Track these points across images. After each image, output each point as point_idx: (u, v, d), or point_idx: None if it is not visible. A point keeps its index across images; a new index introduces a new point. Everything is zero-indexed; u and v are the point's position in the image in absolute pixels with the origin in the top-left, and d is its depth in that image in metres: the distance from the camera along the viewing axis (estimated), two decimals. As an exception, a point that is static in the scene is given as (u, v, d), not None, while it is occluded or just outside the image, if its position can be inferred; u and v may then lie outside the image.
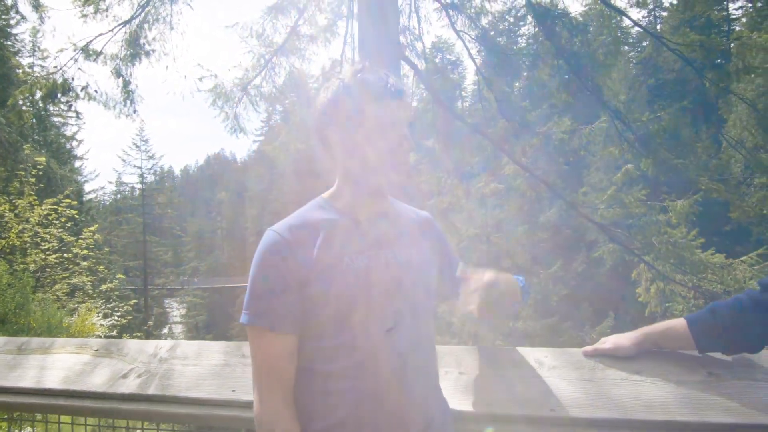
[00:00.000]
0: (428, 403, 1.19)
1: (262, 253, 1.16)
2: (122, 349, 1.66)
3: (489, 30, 7.76)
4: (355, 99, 1.15)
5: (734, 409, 1.17)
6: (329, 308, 1.12)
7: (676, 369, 1.29)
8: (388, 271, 1.17)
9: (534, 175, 6.88)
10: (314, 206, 1.25)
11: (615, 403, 1.23)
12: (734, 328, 1.21)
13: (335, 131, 1.18)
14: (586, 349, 1.38)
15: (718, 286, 6.91)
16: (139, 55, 7.58)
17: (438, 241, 1.35)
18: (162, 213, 34.15)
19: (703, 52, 5.57)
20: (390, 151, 1.15)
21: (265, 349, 1.13)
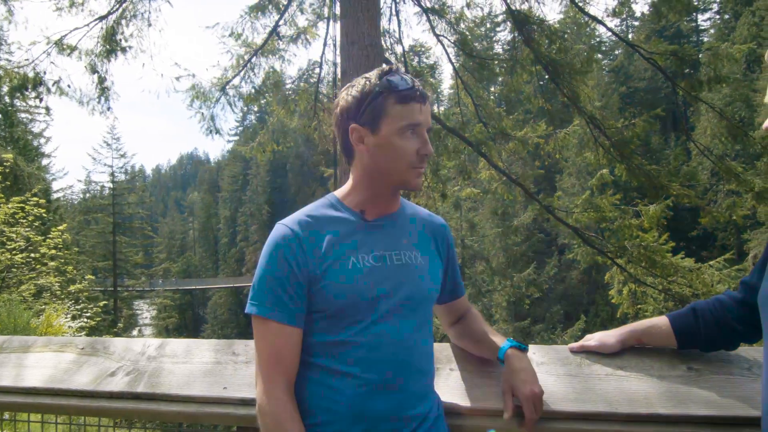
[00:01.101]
0: (425, 399, 1.22)
1: (272, 245, 1.18)
2: (108, 348, 1.64)
3: (468, 35, 7.85)
4: (381, 99, 1.17)
5: (713, 401, 1.23)
6: (333, 305, 1.15)
7: (657, 364, 1.35)
8: (392, 272, 1.20)
9: (510, 178, 7.00)
10: (325, 203, 1.27)
11: (600, 397, 1.28)
12: (714, 326, 1.27)
13: (358, 129, 1.20)
14: (573, 346, 1.43)
15: (687, 288, 7.15)
16: (115, 51, 7.43)
17: (446, 247, 1.37)
18: (133, 213, 33.43)
19: (675, 61, 5.77)
20: (410, 152, 1.18)
21: (271, 340, 1.14)
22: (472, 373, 1.40)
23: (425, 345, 1.26)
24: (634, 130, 6.29)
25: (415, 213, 1.36)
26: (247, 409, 1.39)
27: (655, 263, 6.82)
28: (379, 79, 1.19)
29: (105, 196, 33.20)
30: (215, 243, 60.24)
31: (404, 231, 1.28)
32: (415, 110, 1.17)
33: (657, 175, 6.11)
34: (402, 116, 1.16)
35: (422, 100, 1.18)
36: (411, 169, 1.19)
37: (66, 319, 9.93)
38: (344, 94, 1.24)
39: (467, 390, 1.36)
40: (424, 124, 1.19)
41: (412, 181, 1.21)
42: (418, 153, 1.18)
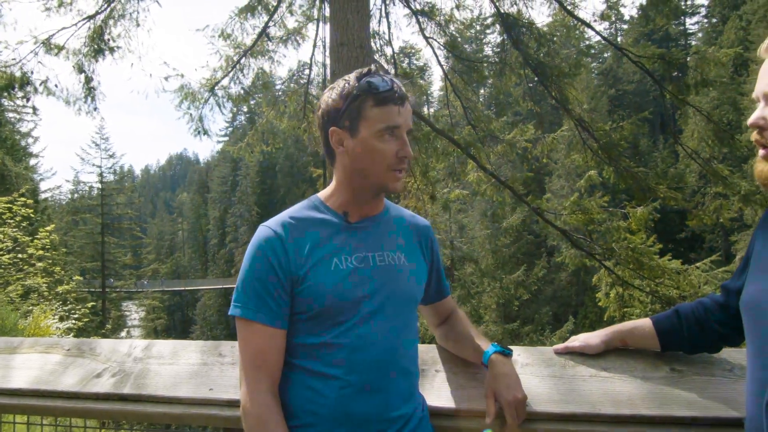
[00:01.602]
0: (409, 400, 1.23)
1: (254, 247, 1.18)
2: (95, 349, 1.63)
3: (457, 37, 7.88)
4: (359, 102, 1.16)
5: (695, 402, 1.25)
6: (316, 307, 1.15)
7: (641, 365, 1.36)
8: (375, 273, 1.20)
9: (499, 180, 7.04)
10: (309, 205, 1.27)
11: (584, 398, 1.29)
12: (697, 328, 1.29)
13: (338, 132, 1.20)
14: (557, 347, 1.44)
15: (674, 291, 7.23)
16: (102, 51, 7.36)
17: (430, 248, 1.38)
18: (121, 213, 33.15)
19: (663, 65, 5.83)
20: (389, 155, 1.17)
21: (255, 342, 1.14)
22: (458, 374, 1.41)
23: (409, 346, 1.27)
24: (622, 133, 6.36)
25: (399, 214, 1.36)
26: (234, 411, 1.39)
27: (642, 265, 6.88)
28: (358, 81, 1.18)
29: (93, 197, 32.92)
30: (204, 244, 59.88)
31: (387, 232, 1.28)
32: (393, 112, 1.16)
33: (645, 178, 6.18)
34: (380, 119, 1.15)
35: (400, 102, 1.17)
36: (390, 171, 1.19)
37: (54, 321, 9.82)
38: (326, 96, 1.24)
39: (453, 392, 1.37)
40: (404, 126, 1.18)
41: (391, 183, 1.20)
42: (396, 155, 1.18)
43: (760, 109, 1.00)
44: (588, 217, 6.84)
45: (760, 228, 1.11)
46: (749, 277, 1.09)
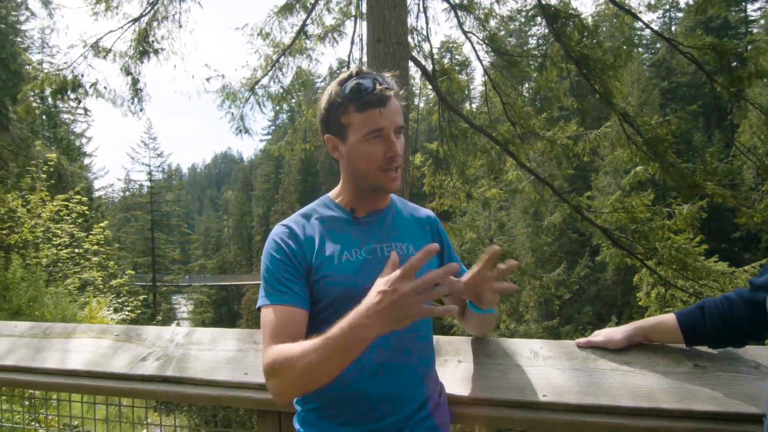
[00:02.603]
0: (423, 386, 1.27)
1: (272, 241, 1.26)
2: (141, 335, 1.76)
3: (498, 31, 7.80)
4: (342, 108, 1.21)
5: (718, 398, 1.24)
6: (330, 297, 1.22)
7: (663, 360, 1.36)
8: (385, 263, 1.25)
9: (539, 177, 6.93)
10: (319, 204, 1.36)
11: (604, 390, 1.31)
12: (720, 323, 1.28)
13: (331, 139, 1.27)
14: (580, 341, 1.46)
15: (719, 293, 6.93)
16: (147, 53, 7.67)
17: (438, 238, 1.43)
18: (170, 210, 34.34)
19: (715, 56, 5.58)
20: (377, 158, 1.21)
21: (273, 319, 1.17)
22: (480, 365, 1.45)
23: (422, 329, 1.31)
24: (668, 127, 6.14)
25: (404, 207, 1.42)
26: (266, 394, 1.48)
27: (686, 266, 6.64)
28: (340, 86, 1.21)
29: (143, 195, 34.26)
30: (249, 240, 61.24)
31: (394, 225, 1.34)
32: (374, 116, 1.18)
33: (692, 174, 5.96)
34: (363, 123, 1.19)
35: (381, 103, 1.18)
36: (381, 172, 1.23)
37: (108, 312, 10.35)
38: (319, 103, 1.29)
39: (473, 382, 1.41)
40: (388, 126, 1.19)
41: (386, 184, 1.24)
42: (384, 157, 1.21)
43: None
44: (630, 215, 6.65)
45: None
46: None
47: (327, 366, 1.02)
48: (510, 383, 1.37)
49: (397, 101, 1.23)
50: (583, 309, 26.49)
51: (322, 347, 1.01)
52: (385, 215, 1.35)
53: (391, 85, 1.22)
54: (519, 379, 1.37)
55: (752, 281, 1.25)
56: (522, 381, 1.37)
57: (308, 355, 1.02)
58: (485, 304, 1.27)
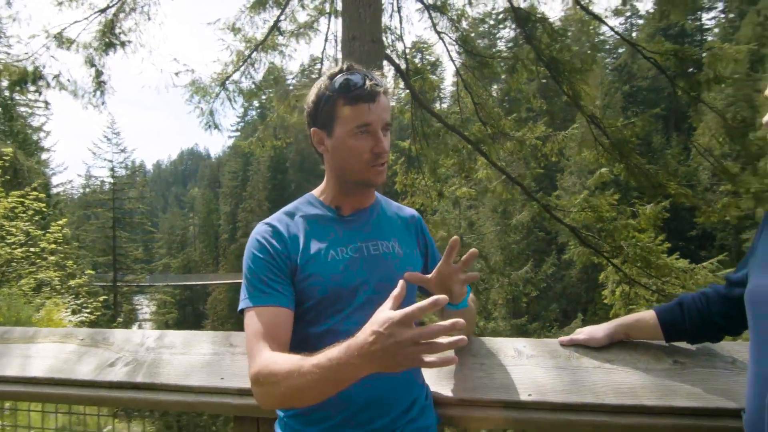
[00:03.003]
0: (409, 389, 1.25)
1: (254, 240, 1.23)
2: (108, 339, 1.68)
3: (469, 32, 7.86)
4: (332, 102, 1.19)
5: (697, 394, 1.26)
6: (316, 296, 1.19)
7: (644, 357, 1.38)
8: (370, 261, 1.24)
9: (509, 177, 7.03)
10: (303, 202, 1.32)
11: (588, 388, 1.31)
12: (699, 319, 1.30)
13: (317, 132, 1.24)
14: (563, 339, 1.46)
15: (680, 289, 7.17)
16: (113, 45, 7.43)
17: (422, 237, 1.42)
18: (133, 208, 33.36)
19: (676, 61, 5.78)
20: (364, 153, 1.20)
21: (258, 322, 1.13)
22: (464, 365, 1.43)
23: None
24: (633, 129, 6.32)
25: (389, 205, 1.41)
26: (244, 399, 1.43)
27: (650, 263, 6.85)
28: (330, 80, 1.20)
29: (105, 191, 33.16)
30: (216, 239, 60.16)
31: (379, 223, 1.33)
32: (363, 110, 1.17)
33: (655, 174, 6.14)
34: (352, 117, 1.18)
35: (371, 99, 1.17)
36: (368, 167, 1.22)
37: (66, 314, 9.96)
38: (306, 97, 1.28)
39: (457, 381, 1.39)
40: (376, 122, 1.19)
41: (372, 178, 1.24)
42: (372, 152, 1.20)
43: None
44: (597, 214, 6.80)
45: (766, 222, 1.12)
46: (752, 271, 1.10)
47: (312, 392, 1.00)
48: (495, 383, 1.36)
49: (386, 99, 1.22)
50: (550, 306, 27.07)
51: (308, 373, 0.97)
52: (370, 213, 1.33)
53: (381, 83, 1.21)
54: (504, 379, 1.36)
55: (728, 277, 1.28)
56: (507, 380, 1.36)
57: (294, 378, 0.99)
58: (455, 298, 1.25)
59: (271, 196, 51.06)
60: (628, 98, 35.90)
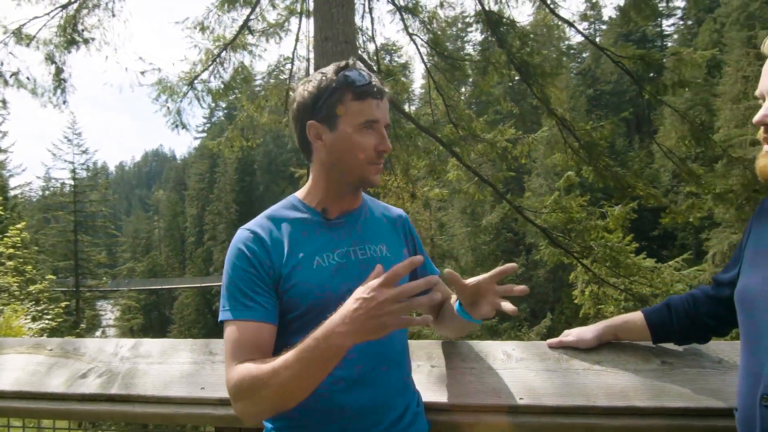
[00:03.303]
0: (401, 397, 1.22)
1: (233, 249, 1.17)
2: (79, 349, 1.59)
3: (440, 34, 7.89)
4: (338, 95, 1.15)
5: (686, 394, 1.27)
6: (302, 306, 1.14)
7: (632, 358, 1.38)
8: (358, 267, 1.19)
9: (482, 178, 7.08)
10: (287, 205, 1.26)
11: (579, 391, 1.31)
12: (687, 320, 1.31)
13: (315, 125, 1.18)
14: (551, 342, 1.46)
15: (646, 288, 7.37)
16: (76, 42, 7.16)
17: (410, 237, 1.38)
18: (95, 211, 32.31)
19: (642, 65, 5.94)
20: (368, 149, 1.17)
21: (239, 337, 1.09)
22: (454, 370, 1.41)
23: (398, 338, 1.26)
24: (602, 132, 6.46)
25: (376, 206, 1.37)
26: (226, 409, 1.37)
27: (618, 263, 7.01)
28: (336, 74, 1.17)
29: (66, 194, 32.01)
30: (182, 242, 58.92)
31: (367, 226, 1.28)
32: (372, 106, 1.16)
33: (623, 177, 6.29)
34: (360, 112, 1.15)
35: (379, 96, 1.17)
36: (369, 165, 1.19)
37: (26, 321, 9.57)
38: (301, 89, 1.22)
39: (448, 387, 1.37)
40: (382, 120, 1.18)
41: (370, 177, 1.20)
42: (375, 149, 1.18)
43: (765, 106, 1.01)
44: (567, 215, 6.92)
45: (754, 220, 1.13)
46: (743, 270, 1.11)
47: (303, 380, 0.96)
48: (486, 387, 1.34)
49: (386, 100, 1.21)
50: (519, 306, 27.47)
51: (295, 361, 0.95)
52: (357, 216, 1.28)
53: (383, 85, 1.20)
54: (495, 383, 1.35)
55: (717, 278, 1.29)
56: (498, 384, 1.34)
57: (281, 372, 0.96)
58: (478, 314, 1.23)
59: (239, 198, 50.31)
60: (592, 101, 36.86)
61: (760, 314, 1.00)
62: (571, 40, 37.21)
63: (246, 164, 51.16)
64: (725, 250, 19.18)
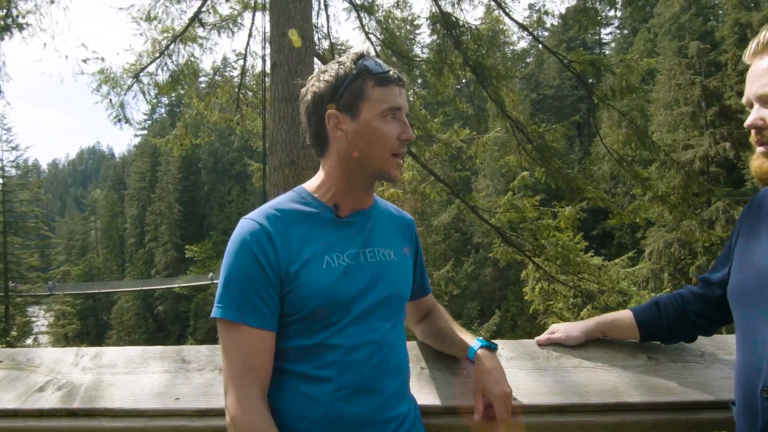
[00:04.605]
0: (401, 403, 1.18)
1: (238, 241, 1.08)
2: (33, 359, 1.44)
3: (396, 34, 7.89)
4: (360, 82, 1.11)
5: (674, 389, 1.29)
6: (307, 308, 1.08)
7: (620, 354, 1.40)
8: (368, 270, 1.15)
9: (439, 178, 7.15)
10: (294, 197, 1.18)
11: (571, 388, 1.30)
12: (675, 319, 1.33)
13: (335, 115, 1.12)
14: (540, 339, 1.45)
15: (594, 285, 7.67)
16: (9, 28, 6.67)
17: (414, 244, 1.34)
18: (26, 211, 30.41)
19: (593, 70, 6.17)
20: (392, 138, 1.12)
21: (242, 346, 1.05)
22: (444, 371, 1.38)
23: (401, 344, 1.23)
24: (554, 135, 6.66)
25: (386, 208, 1.31)
26: (204, 421, 1.28)
27: (569, 261, 7.24)
28: (355, 62, 1.12)
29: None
30: (121, 243, 56.40)
31: (378, 227, 1.23)
32: (395, 93, 1.13)
33: (574, 178, 6.51)
34: (383, 99, 1.11)
35: (400, 83, 1.14)
36: (391, 156, 1.14)
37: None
38: (314, 81, 1.16)
39: (440, 389, 1.33)
40: (404, 108, 1.14)
41: (391, 170, 1.15)
42: (399, 138, 1.13)
43: (755, 111, 1.04)
44: (521, 215, 7.09)
45: (743, 219, 1.16)
46: (735, 267, 1.13)
47: None
48: (479, 388, 1.31)
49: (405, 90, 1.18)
50: (466, 304, 28.02)
51: None
52: (368, 216, 1.22)
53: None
54: (488, 383, 1.32)
55: (705, 278, 1.31)
56: (491, 385, 1.31)
57: None
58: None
59: (182, 197, 48.70)
60: (535, 105, 38.12)
61: (757, 309, 1.02)
62: (516, 45, 38.40)
63: (190, 163, 49.55)
64: (661, 248, 20.28)
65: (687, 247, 20.06)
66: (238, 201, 45.97)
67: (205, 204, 49.92)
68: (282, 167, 4.60)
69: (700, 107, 22.19)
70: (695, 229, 12.17)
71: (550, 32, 38.87)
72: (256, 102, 8.51)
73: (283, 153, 4.65)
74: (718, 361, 1.37)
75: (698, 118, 22.34)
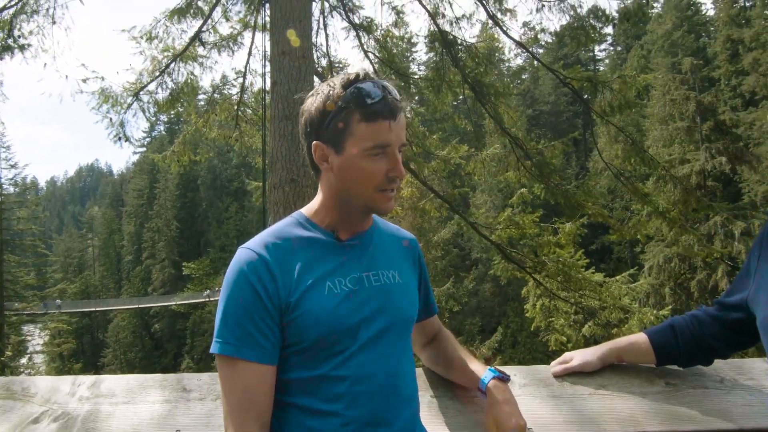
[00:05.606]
0: (414, 430, 1.13)
1: (236, 273, 1.04)
2: (28, 388, 1.39)
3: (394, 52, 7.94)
4: (344, 115, 1.03)
5: (695, 417, 1.24)
6: (310, 337, 1.03)
7: (636, 380, 1.35)
8: (372, 295, 1.10)
9: (439, 195, 7.12)
10: (292, 222, 1.14)
11: (588, 418, 1.26)
12: (692, 342, 1.29)
13: (321, 147, 1.07)
14: (556, 371, 1.39)
15: (595, 302, 7.61)
16: (11, 48, 6.70)
17: (419, 263, 1.29)
18: (23, 229, 30.31)
19: (590, 87, 6.20)
20: (377, 175, 1.06)
21: (241, 382, 1.00)
22: (455, 400, 1.33)
23: (410, 371, 1.17)
24: (553, 151, 6.67)
25: (387, 228, 1.26)
26: (205, 454, 1.23)
27: (570, 278, 7.19)
28: (344, 89, 1.04)
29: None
30: (118, 261, 56.14)
31: (380, 249, 1.18)
32: (383, 129, 1.03)
33: (574, 194, 6.49)
34: (368, 137, 1.03)
35: (392, 116, 1.03)
36: (378, 192, 1.07)
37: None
38: (308, 103, 1.10)
39: (451, 419, 1.28)
40: (395, 143, 1.05)
41: (381, 205, 1.09)
42: (386, 175, 1.06)
43: None
44: (521, 231, 7.05)
45: (764, 243, 1.12)
46: (757, 299, 1.10)
47: None
48: (492, 418, 1.26)
49: (403, 116, 1.07)
50: (466, 321, 27.84)
51: None
52: (369, 238, 1.17)
53: (399, 97, 1.07)
54: (501, 413, 1.27)
55: (721, 301, 1.28)
56: (505, 415, 1.26)
57: None
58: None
59: (180, 214, 48.58)
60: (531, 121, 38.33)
61: None
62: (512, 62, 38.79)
63: (188, 180, 49.53)
64: (660, 263, 20.21)
65: (687, 262, 20.00)
66: (236, 218, 45.88)
67: (203, 221, 49.81)
68: (282, 185, 4.57)
69: (695, 122, 22.30)
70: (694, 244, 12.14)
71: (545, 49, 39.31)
72: (255, 119, 8.53)
73: (284, 171, 4.63)
74: (738, 387, 1.33)
75: (693, 133, 22.43)
